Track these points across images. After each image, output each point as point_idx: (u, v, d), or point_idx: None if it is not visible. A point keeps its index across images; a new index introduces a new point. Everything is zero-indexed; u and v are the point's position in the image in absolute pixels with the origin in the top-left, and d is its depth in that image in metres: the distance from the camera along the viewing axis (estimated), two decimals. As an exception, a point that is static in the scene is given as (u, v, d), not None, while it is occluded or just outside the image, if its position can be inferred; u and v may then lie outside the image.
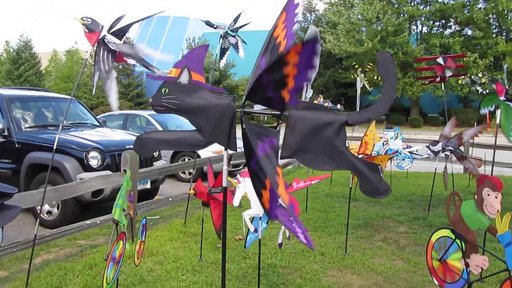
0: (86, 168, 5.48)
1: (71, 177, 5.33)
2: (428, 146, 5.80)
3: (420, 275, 3.86)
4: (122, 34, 2.81)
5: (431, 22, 30.17)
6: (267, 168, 1.66)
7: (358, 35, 29.50)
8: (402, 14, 29.24)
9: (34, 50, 40.82)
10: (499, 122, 3.97)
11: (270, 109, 1.98)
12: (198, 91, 2.11)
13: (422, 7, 29.90)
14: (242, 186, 2.99)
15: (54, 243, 4.53)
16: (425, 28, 31.18)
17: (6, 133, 5.86)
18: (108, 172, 5.47)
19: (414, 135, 16.45)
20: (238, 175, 3.28)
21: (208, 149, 5.87)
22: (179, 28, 50.13)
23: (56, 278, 3.65)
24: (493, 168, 4.25)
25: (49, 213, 5.58)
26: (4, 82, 37.41)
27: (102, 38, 2.79)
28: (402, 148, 7.94)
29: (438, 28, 30.90)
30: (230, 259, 4.16)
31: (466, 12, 28.55)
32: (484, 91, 7.53)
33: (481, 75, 7.52)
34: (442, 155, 5.89)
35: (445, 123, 5.99)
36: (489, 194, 2.30)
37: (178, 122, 10.77)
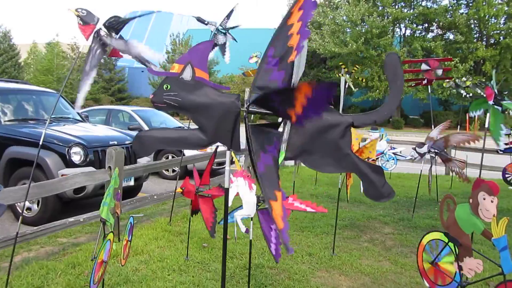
0: (68, 164, 5.31)
1: (53, 173, 5.17)
2: (414, 148, 5.85)
3: (407, 277, 3.88)
4: (119, 28, 2.72)
5: (415, 25, 30.59)
6: (266, 190, 1.64)
7: (342, 36, 29.68)
8: (386, 16, 29.54)
9: (13, 41, 39.84)
10: (488, 126, 4.01)
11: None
12: (201, 88, 2.02)
13: (406, 10, 30.31)
14: (235, 186, 2.93)
15: (34, 241, 4.38)
16: (408, 31, 31.59)
17: (-16, 126, 5.64)
18: (91, 168, 5.33)
19: (396, 136, 16.60)
20: (231, 175, 3.21)
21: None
22: (163, 24, 49.48)
23: (37, 277, 3.53)
24: (481, 171, 4.30)
25: (28, 209, 5.39)
26: (-20, 74, 36.39)
27: (97, 32, 2.68)
28: (387, 149, 8.00)
29: (421, 31, 31.35)
30: (217, 259, 4.10)
31: (448, 16, 29.10)
32: (467, 95, 7.65)
33: (465, 79, 7.65)
34: (427, 157, 5.95)
35: (426, 125, 6.06)
36: (485, 198, 2.30)
37: (162, 118, 10.63)
